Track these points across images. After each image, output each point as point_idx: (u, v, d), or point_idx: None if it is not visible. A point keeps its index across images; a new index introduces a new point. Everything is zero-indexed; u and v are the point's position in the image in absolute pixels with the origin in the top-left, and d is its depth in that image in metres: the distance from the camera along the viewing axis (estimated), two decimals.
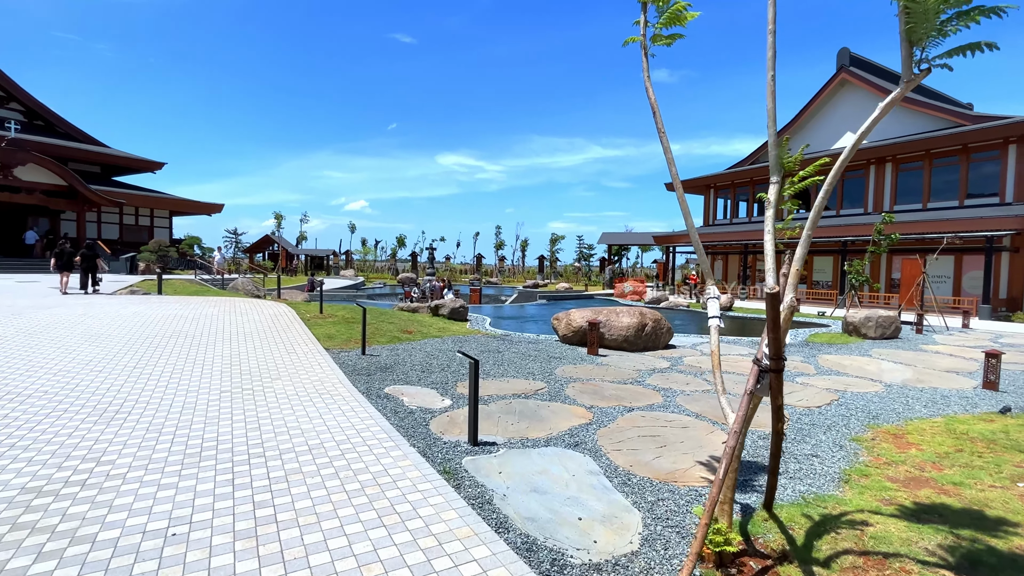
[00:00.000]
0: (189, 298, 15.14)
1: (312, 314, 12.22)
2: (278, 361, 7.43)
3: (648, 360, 9.23)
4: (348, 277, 41.21)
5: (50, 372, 6.29)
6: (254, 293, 20.37)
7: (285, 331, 9.86)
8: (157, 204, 35.38)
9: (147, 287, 17.48)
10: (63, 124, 33.84)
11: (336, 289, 29.94)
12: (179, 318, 10.71)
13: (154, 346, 7.99)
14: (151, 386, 5.90)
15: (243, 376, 6.51)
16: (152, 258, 28.98)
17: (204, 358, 7.36)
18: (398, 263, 56.54)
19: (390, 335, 10.37)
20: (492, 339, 10.85)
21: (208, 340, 8.64)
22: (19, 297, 13.59)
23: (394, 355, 8.50)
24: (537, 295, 29.51)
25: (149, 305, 12.70)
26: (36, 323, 9.42)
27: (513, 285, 41.92)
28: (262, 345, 8.46)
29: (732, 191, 32.93)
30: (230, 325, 10.19)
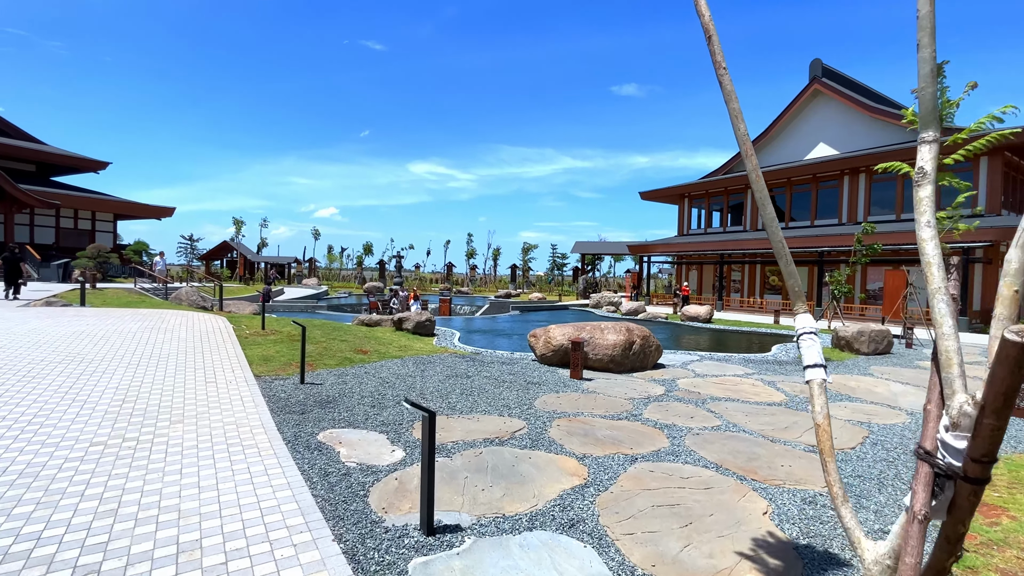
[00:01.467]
0: (115, 310, 13.27)
1: (252, 330, 10.63)
2: (189, 395, 5.91)
3: (639, 385, 8.06)
4: (311, 286, 39.10)
5: None
6: (199, 304, 18.44)
7: (212, 352, 8.28)
8: (99, 206, 32.69)
9: (71, 297, 15.44)
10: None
11: (296, 299, 27.99)
12: (86, 336, 8.99)
13: (31, 375, 6.35)
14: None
15: (133, 418, 5.00)
16: (90, 264, 26.44)
17: (92, 392, 5.79)
18: (365, 271, 54.46)
19: (341, 356, 8.90)
20: (461, 360, 9.50)
21: (109, 366, 7.02)
22: None
23: (341, 383, 7.06)
24: (510, 306, 28.26)
25: (58, 319, 10.85)
26: None
27: (485, 295, 40.59)
28: (176, 372, 6.90)
29: (706, 201, 32.54)
30: (147, 345, 8.55)
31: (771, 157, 30.04)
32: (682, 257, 33.13)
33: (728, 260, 29.46)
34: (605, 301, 27.81)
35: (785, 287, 27.44)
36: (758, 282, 29.19)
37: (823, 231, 25.02)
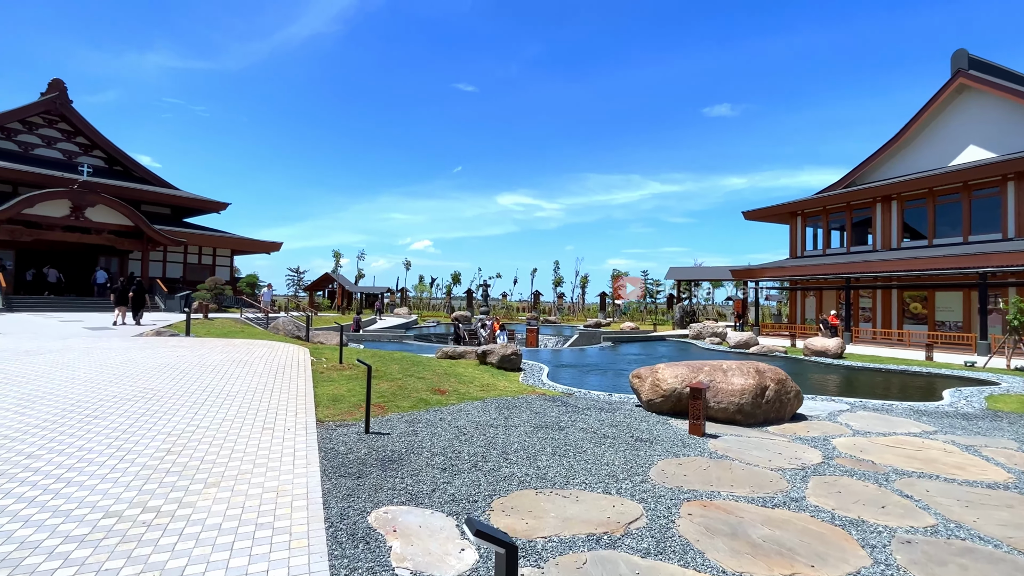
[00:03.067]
0: (212, 341, 13.57)
1: (330, 364, 10.08)
2: (240, 445, 5.12)
3: (783, 446, 6.19)
4: (401, 315, 39.94)
5: None
6: (293, 334, 18.83)
7: (282, 390, 7.66)
8: (219, 243, 35.88)
9: (181, 327, 16.25)
10: (139, 169, 35.34)
11: (385, 329, 28.32)
12: (169, 369, 8.84)
13: (96, 414, 5.97)
14: (15, 499, 3.71)
15: (167, 477, 4.22)
16: (207, 296, 28.63)
17: (141, 439, 5.19)
18: (453, 300, 55.18)
19: (416, 397, 7.93)
20: (551, 403, 8.14)
21: (174, 405, 6.55)
22: (37, 339, 12.46)
23: (411, 433, 5.99)
24: (601, 336, 26.46)
25: (155, 350, 11.07)
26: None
27: (573, 324, 39.01)
28: (236, 415, 6.24)
29: (824, 218, 28.81)
30: (221, 380, 8.15)
31: (903, 166, 26.03)
32: (797, 282, 29.45)
33: (856, 285, 25.56)
34: (708, 332, 25.10)
35: (931, 315, 23.10)
36: (894, 310, 24.92)
37: (982, 248, 20.74)
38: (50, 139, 31.83)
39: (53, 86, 31.49)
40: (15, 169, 27.99)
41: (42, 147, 31.48)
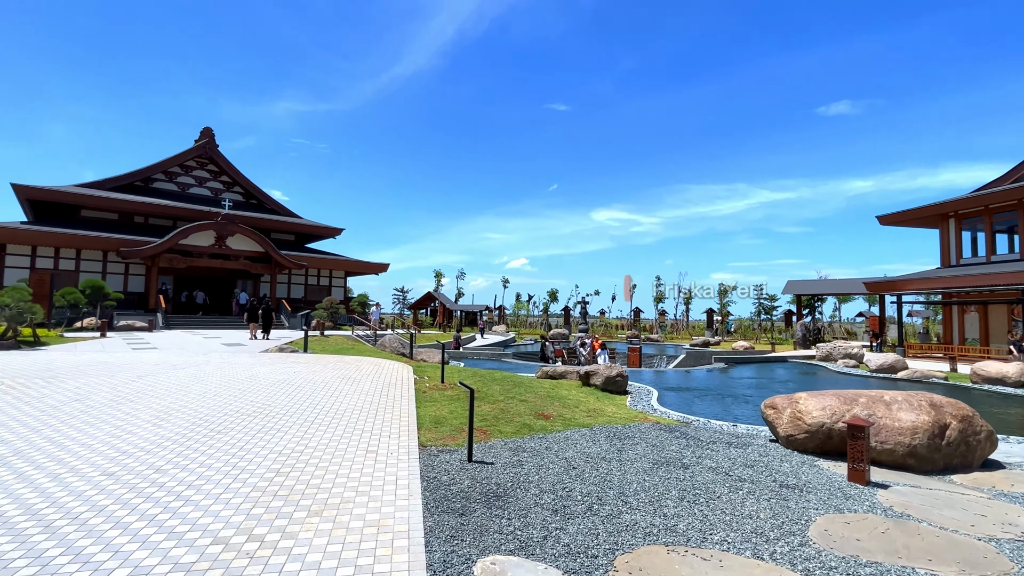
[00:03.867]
0: (325, 357, 14.31)
1: (432, 383, 10.00)
2: (344, 469, 4.98)
3: (982, 504, 4.82)
4: (499, 333, 40.25)
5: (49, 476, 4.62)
6: (398, 351, 19.49)
7: (386, 410, 7.61)
8: (334, 265, 38.83)
9: (300, 344, 17.44)
10: (270, 202, 39.48)
11: (484, 347, 28.55)
12: (285, 385, 9.26)
13: (219, 429, 6.23)
14: (138, 516, 3.78)
15: (273, 502, 4.12)
16: (324, 315, 30.88)
17: (254, 458, 5.25)
18: (550, 318, 54.78)
19: (519, 421, 7.47)
20: (667, 434, 7.26)
21: (286, 423, 6.69)
22: (183, 354, 13.94)
23: (516, 463, 5.52)
24: (711, 356, 24.42)
25: (276, 366, 11.80)
26: (140, 389, 8.60)
27: (678, 343, 36.74)
28: (343, 435, 6.19)
29: (987, 219, 24.38)
30: (330, 397, 8.33)
31: None
32: (952, 295, 25.15)
33: None
34: (839, 353, 22.12)
35: None
36: None
37: None
38: (201, 179, 36.69)
39: (204, 133, 36.36)
40: (175, 206, 32.54)
41: (195, 186, 36.35)
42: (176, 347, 15.93)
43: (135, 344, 16.73)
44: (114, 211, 31.72)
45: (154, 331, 23.27)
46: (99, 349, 14.98)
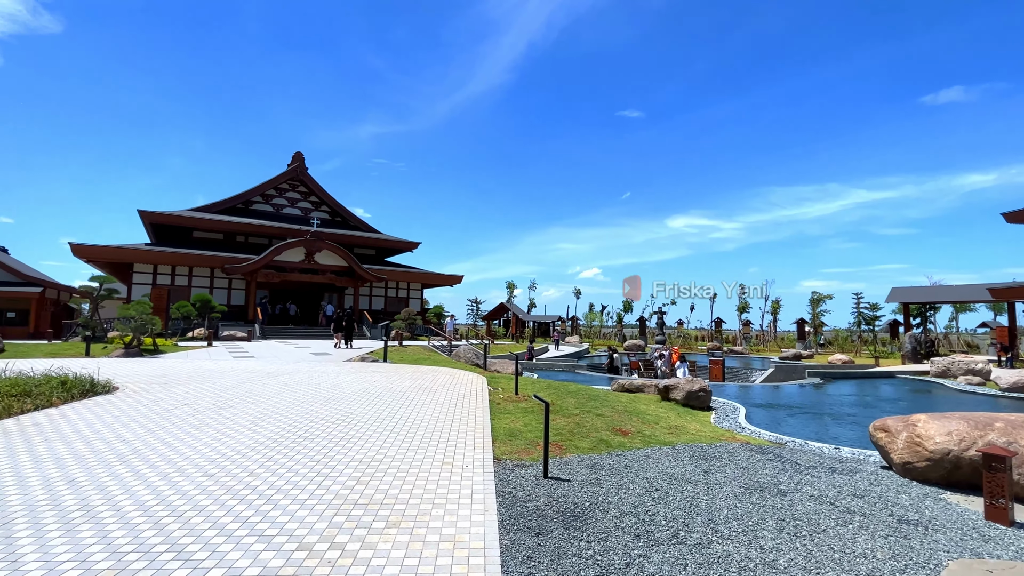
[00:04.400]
0: (403, 367, 14.76)
1: (506, 395, 9.96)
2: (421, 481, 5.01)
3: None
4: (573, 344, 39.77)
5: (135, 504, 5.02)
6: (473, 361, 19.74)
7: (461, 421, 7.64)
8: (411, 278, 40.33)
9: (380, 354, 18.17)
10: (353, 218, 41.85)
11: (558, 358, 28.28)
12: (366, 394, 9.61)
13: (307, 435, 6.54)
14: (232, 517, 3.99)
15: (354, 511, 4.20)
16: (402, 326, 32.08)
17: (336, 465, 5.43)
18: (625, 329, 53.40)
19: (595, 437, 7.21)
20: (759, 456, 6.69)
21: (367, 431, 6.90)
22: (276, 361, 14.97)
23: (594, 481, 5.29)
24: (804, 371, 22.54)
25: (358, 375, 12.33)
26: (239, 395, 9.27)
27: (764, 355, 34.40)
28: (419, 446, 6.27)
29: None
30: (407, 407, 8.52)
31: None
32: None
33: None
34: (960, 368, 19.59)
35: None
36: None
37: None
38: (293, 199, 39.65)
39: (295, 158, 39.34)
40: (270, 226, 35.37)
41: (287, 206, 39.34)
42: (271, 356, 17.16)
43: (236, 353, 18.22)
44: (219, 231, 35.04)
45: (252, 341, 25.27)
46: (206, 357, 16.46)
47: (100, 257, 29.45)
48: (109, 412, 7.55)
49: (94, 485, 4.62)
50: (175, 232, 34.36)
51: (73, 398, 8.25)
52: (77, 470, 5.01)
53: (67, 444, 5.88)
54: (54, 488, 4.52)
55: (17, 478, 4.74)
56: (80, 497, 4.33)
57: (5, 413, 7.00)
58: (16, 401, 7.44)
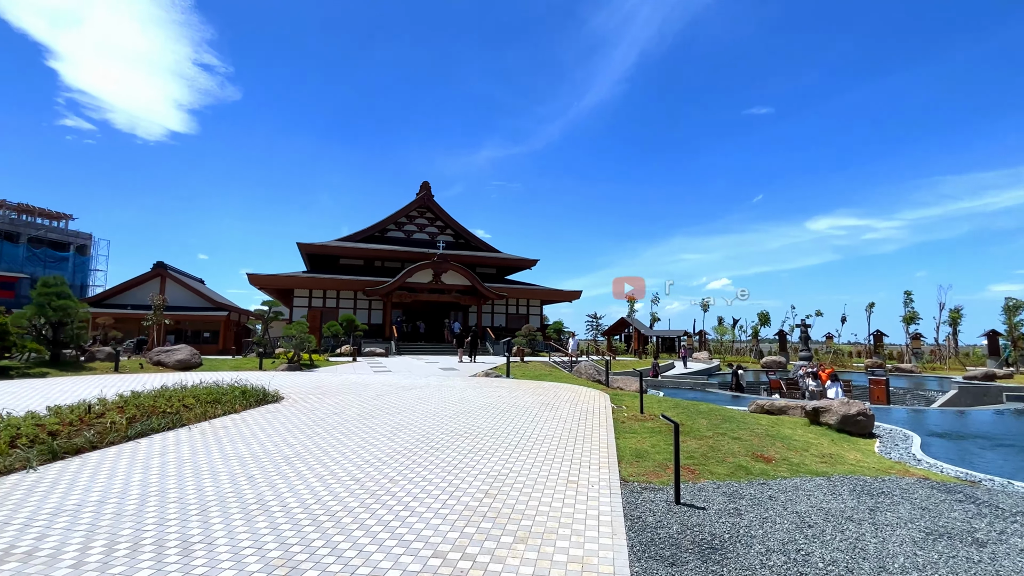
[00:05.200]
0: (525, 383, 15.00)
1: (631, 413, 9.60)
2: (546, 498, 5.00)
3: None
4: (701, 360, 37.33)
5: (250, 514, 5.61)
6: (594, 378, 19.44)
7: (584, 440, 7.51)
8: (530, 295, 41.11)
9: (502, 369, 18.70)
10: (475, 239, 44.02)
11: (684, 375, 26.74)
12: (491, 409, 9.90)
13: (439, 446, 6.90)
14: (376, 520, 4.33)
15: (483, 524, 4.32)
16: (523, 342, 32.72)
17: (465, 477, 5.64)
18: (761, 344, 48.83)
19: (732, 462, 6.63)
20: (941, 494, 5.61)
21: (491, 445, 7.09)
22: (409, 376, 16.15)
23: (732, 511, 4.84)
24: (999, 393, 18.62)
25: (482, 390, 12.77)
26: (379, 406, 10.09)
27: (943, 374, 29.16)
28: (543, 462, 6.27)
29: None
30: (531, 423, 8.60)
31: None
32: None
33: None
34: None
35: None
36: None
37: None
38: (421, 225, 42.88)
39: (423, 187, 42.59)
40: (402, 251, 38.56)
41: (417, 232, 42.62)
42: (405, 370, 18.55)
43: (376, 368, 19.99)
44: (360, 258, 39.02)
45: (389, 356, 27.56)
46: (351, 371, 18.29)
47: (268, 284, 34.45)
48: (277, 419, 8.70)
49: (267, 482, 5.33)
50: (325, 260, 38.96)
51: (251, 405, 9.66)
52: (254, 468, 5.82)
53: (247, 445, 6.87)
54: (237, 483, 5.29)
55: (211, 472, 5.64)
56: (256, 492, 5.01)
57: (204, 417, 8.41)
58: (210, 407, 8.90)
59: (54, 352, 18.23)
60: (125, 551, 3.67)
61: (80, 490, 4.98)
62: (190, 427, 7.82)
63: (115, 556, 3.58)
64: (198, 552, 3.67)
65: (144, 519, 4.27)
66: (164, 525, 4.15)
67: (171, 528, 4.09)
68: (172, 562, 3.51)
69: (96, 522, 4.20)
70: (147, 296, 30.67)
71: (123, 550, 3.68)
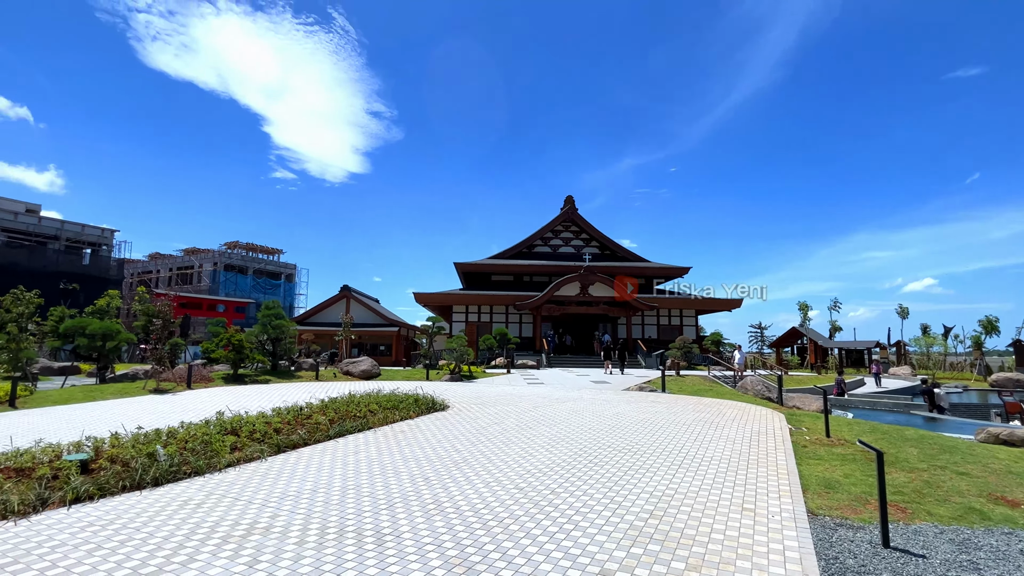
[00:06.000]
0: (683, 398, 14.16)
1: (814, 436, 8.45)
2: (719, 525, 4.60)
3: None
4: (900, 376, 31.51)
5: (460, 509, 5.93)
6: (763, 395, 17.56)
7: (758, 463, 6.78)
8: (683, 304, 38.86)
9: (657, 383, 17.92)
10: (621, 250, 43.22)
11: (878, 394, 22.79)
12: (648, 425, 9.50)
13: (594, 462, 6.82)
14: (541, 530, 4.43)
15: (650, 546, 4.13)
16: (678, 354, 31.01)
17: (627, 495, 5.47)
18: (987, 357, 39.49)
19: (959, 501, 5.40)
20: None
21: (653, 463, 6.78)
22: (562, 388, 16.33)
23: (968, 565, 3.92)
24: None
25: (637, 404, 12.35)
26: (535, 418, 10.33)
27: None
28: (712, 485, 5.80)
29: None
30: (693, 443, 8.04)
31: None
32: None
33: None
34: None
35: None
36: None
37: None
38: (566, 239, 43.45)
39: (567, 201, 43.22)
40: (549, 265, 39.43)
41: (563, 246, 43.27)
42: (557, 382, 18.80)
43: (529, 379, 20.60)
44: (510, 274, 40.81)
45: (540, 369, 28.20)
46: (506, 383, 19.10)
47: (430, 302, 37.85)
48: (445, 425, 9.44)
49: (440, 484, 5.78)
50: (478, 277, 41.54)
51: (422, 412, 10.63)
52: (429, 470, 6.37)
53: (421, 449, 7.57)
54: (416, 483, 5.84)
55: (394, 472, 6.31)
56: (432, 493, 5.47)
57: (385, 422, 9.49)
58: (390, 413, 10.01)
59: (273, 363, 22.23)
60: (334, 535, 4.27)
61: (298, 479, 5.95)
62: (375, 430, 8.87)
63: (327, 538, 4.19)
64: (389, 543, 4.11)
65: (345, 509, 4.93)
66: (360, 516, 4.74)
67: (366, 519, 4.66)
68: (369, 549, 3.98)
69: (311, 508, 4.96)
70: (337, 315, 35.93)
71: (332, 534, 4.29)
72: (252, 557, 3.82)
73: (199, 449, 6.55)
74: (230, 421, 8.14)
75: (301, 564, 3.70)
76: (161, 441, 6.71)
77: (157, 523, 4.53)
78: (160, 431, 7.31)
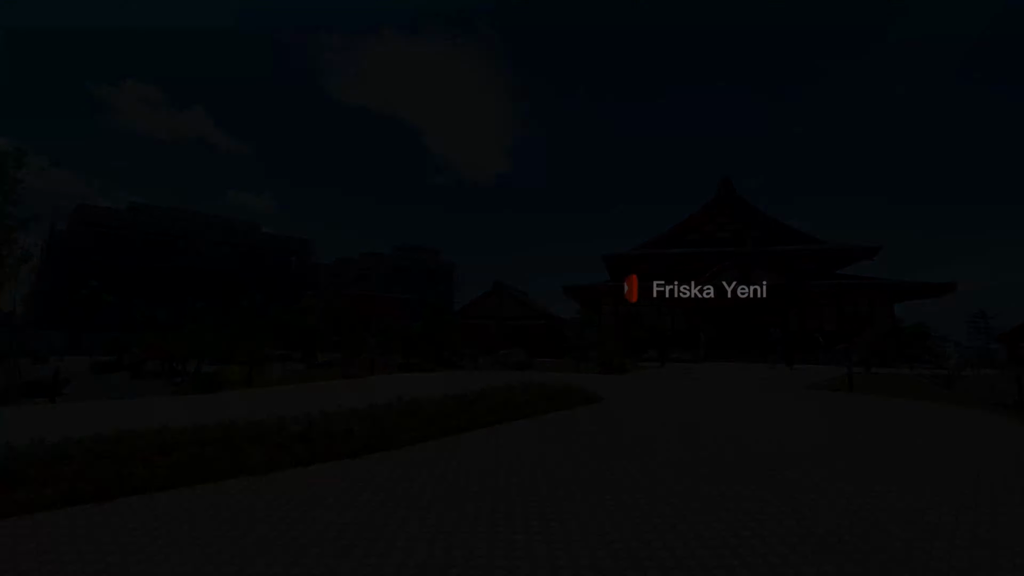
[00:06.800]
0: (879, 401, 12.10)
1: None
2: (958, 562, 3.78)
3: None
4: None
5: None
6: (995, 401, 14.18)
7: (1015, 505, 5.44)
8: (872, 291, 33.28)
9: (842, 384, 15.62)
10: (787, 231, 38.59)
11: None
12: (836, 433, 8.27)
13: (772, 468, 6.12)
14: None
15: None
16: (866, 350, 26.74)
17: (810, 508, 4.80)
18: None
19: None
20: None
21: (852, 474, 5.85)
22: (719, 386, 15.12)
23: None
24: None
25: (815, 405, 10.85)
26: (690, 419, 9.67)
27: None
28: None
29: None
30: (908, 460, 6.76)
31: None
32: None
33: None
34: None
35: None
36: None
37: None
38: (722, 224, 40.12)
39: (722, 184, 39.89)
40: (704, 251, 36.83)
41: (718, 232, 40.07)
42: (716, 378, 17.45)
43: (684, 375, 19.47)
44: (661, 263, 39.03)
45: (696, 363, 26.50)
46: (659, 377, 18.29)
47: (579, 295, 37.95)
48: (601, 416, 9.35)
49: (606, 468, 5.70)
50: (626, 269, 40.45)
51: (579, 404, 10.67)
52: (588, 459, 6.33)
53: (586, 436, 7.57)
54: (601, 463, 5.83)
55: (566, 455, 6.39)
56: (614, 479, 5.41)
57: (544, 412, 9.73)
58: (550, 403, 10.23)
59: (437, 354, 24.35)
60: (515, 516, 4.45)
61: (478, 459, 6.36)
62: (538, 418, 9.14)
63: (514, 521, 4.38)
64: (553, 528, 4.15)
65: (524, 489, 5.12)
66: (526, 497, 4.87)
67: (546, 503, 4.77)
68: (536, 530, 4.06)
69: (498, 483, 5.24)
70: (490, 308, 38.03)
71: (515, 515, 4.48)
72: (438, 520, 4.16)
73: (387, 428, 7.41)
74: (408, 404, 9.06)
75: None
76: (356, 420, 7.73)
77: (375, 486, 5.18)
78: (356, 410, 8.43)
